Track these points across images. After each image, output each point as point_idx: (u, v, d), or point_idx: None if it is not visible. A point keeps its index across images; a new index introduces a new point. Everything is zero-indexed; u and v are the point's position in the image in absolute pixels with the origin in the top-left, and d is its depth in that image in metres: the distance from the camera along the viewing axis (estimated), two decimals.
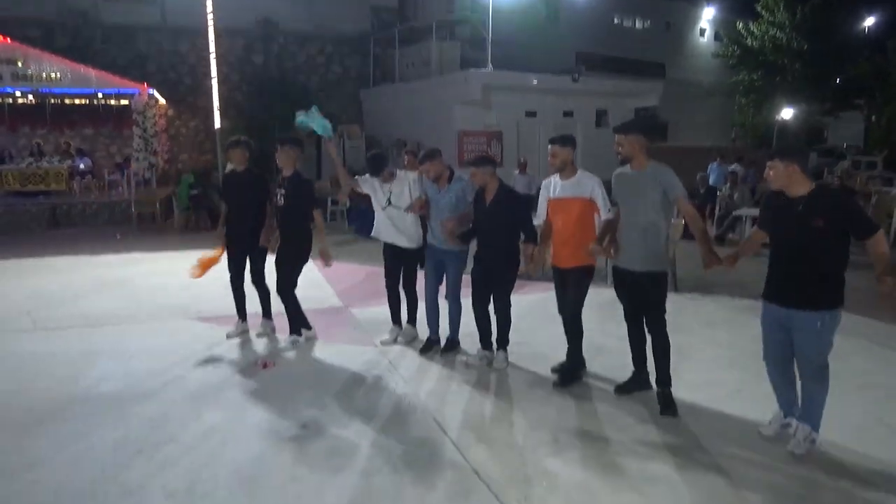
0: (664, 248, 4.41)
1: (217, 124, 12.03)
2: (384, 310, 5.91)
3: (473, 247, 5.19)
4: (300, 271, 5.67)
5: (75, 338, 5.97)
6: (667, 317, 4.41)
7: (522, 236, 5.01)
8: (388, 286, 5.76)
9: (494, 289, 5.09)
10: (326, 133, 5.53)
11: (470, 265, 5.26)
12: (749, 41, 26.42)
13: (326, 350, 5.66)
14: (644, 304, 4.44)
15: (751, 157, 17.47)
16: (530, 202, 6.13)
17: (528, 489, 3.39)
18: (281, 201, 5.55)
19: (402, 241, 5.57)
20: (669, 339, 4.40)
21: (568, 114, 19.68)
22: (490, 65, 18.25)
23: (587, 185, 4.61)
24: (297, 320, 5.76)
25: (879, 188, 14.07)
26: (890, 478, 3.48)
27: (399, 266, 5.70)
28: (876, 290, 3.47)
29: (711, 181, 13.82)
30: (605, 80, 20.87)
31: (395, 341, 5.80)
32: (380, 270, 5.88)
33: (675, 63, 28.68)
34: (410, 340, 5.78)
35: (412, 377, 5.02)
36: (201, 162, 18.14)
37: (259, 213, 5.74)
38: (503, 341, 5.21)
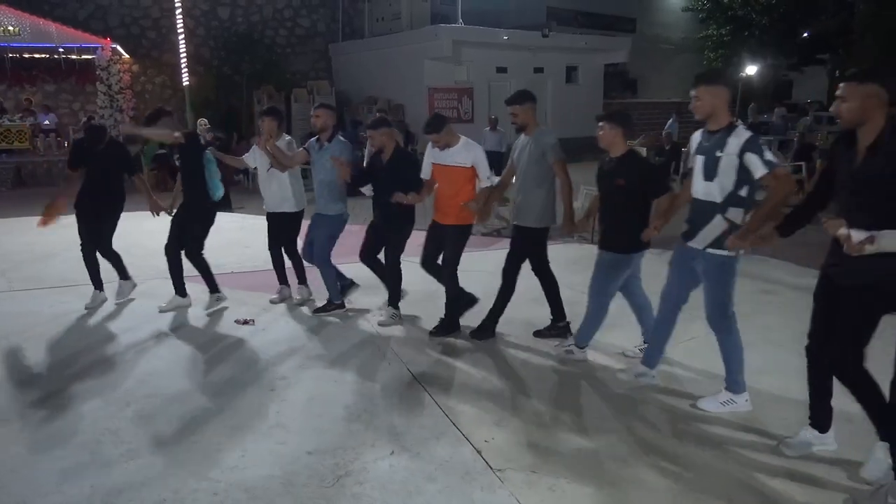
0: (545, 207, 4.76)
1: (185, 81, 11.85)
2: (355, 268, 6.08)
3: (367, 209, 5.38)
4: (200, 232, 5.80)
5: (54, 297, 6.09)
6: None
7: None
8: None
9: (386, 247, 5.36)
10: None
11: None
12: None
13: (302, 307, 5.86)
14: (528, 256, 4.92)
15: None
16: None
17: (494, 430, 3.67)
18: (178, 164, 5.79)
19: (275, 205, 5.77)
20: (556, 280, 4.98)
21: (538, 70, 19.69)
22: (461, 20, 18.11)
23: (468, 155, 4.92)
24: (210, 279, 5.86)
25: None
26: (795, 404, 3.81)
27: (276, 232, 5.88)
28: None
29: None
30: (576, 35, 20.85)
31: (282, 301, 5.97)
32: (351, 229, 6.01)
33: (646, 18, 28.60)
34: (304, 302, 5.94)
35: (387, 331, 5.25)
36: None
37: (113, 182, 5.99)
38: (392, 298, 5.42)
